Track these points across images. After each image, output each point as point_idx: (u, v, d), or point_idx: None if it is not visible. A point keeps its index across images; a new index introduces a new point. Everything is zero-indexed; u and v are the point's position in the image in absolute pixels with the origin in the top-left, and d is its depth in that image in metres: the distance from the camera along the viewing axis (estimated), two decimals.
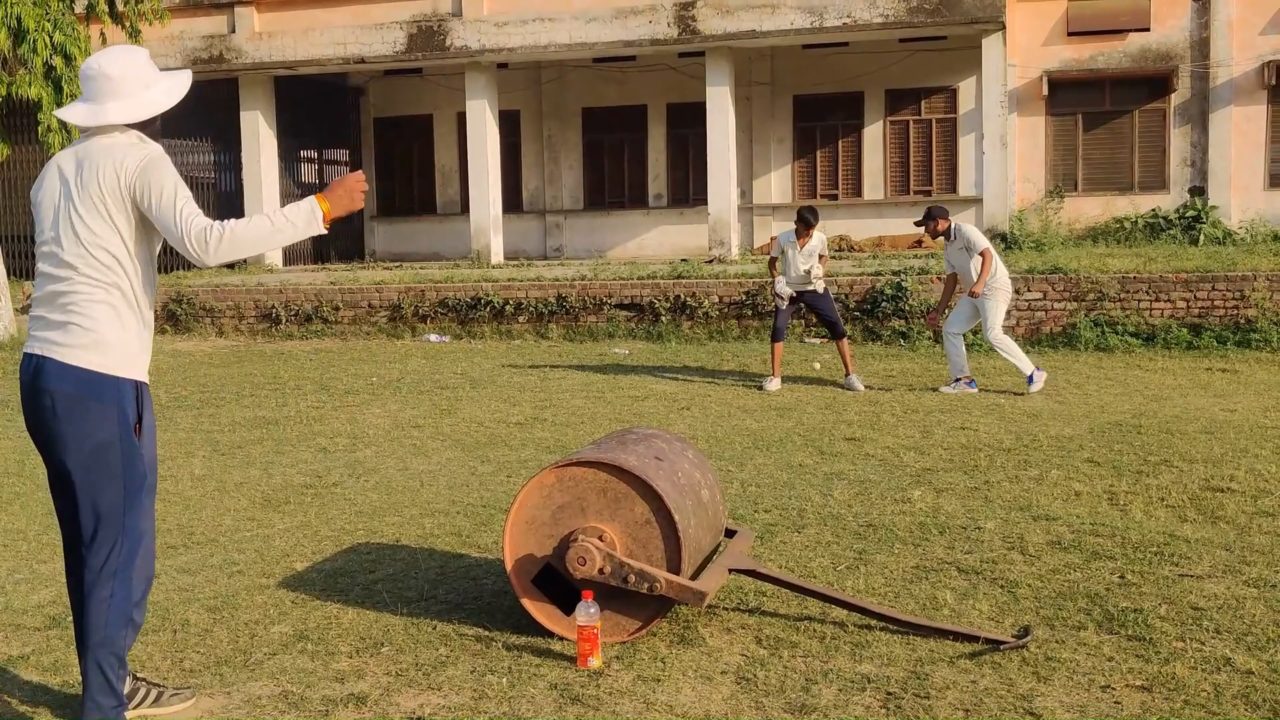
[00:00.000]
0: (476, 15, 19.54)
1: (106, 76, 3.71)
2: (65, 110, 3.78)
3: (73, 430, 3.62)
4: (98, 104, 3.72)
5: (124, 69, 3.74)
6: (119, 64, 3.75)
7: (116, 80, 3.72)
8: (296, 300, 17.14)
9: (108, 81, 3.71)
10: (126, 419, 3.67)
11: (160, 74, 3.88)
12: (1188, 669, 4.19)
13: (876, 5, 17.91)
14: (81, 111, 3.73)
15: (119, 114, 3.73)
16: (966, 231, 11.07)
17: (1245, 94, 19.85)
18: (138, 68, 3.78)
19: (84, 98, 3.76)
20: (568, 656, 4.40)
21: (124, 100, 3.74)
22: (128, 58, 3.79)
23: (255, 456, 8.56)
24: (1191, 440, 8.36)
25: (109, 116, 3.71)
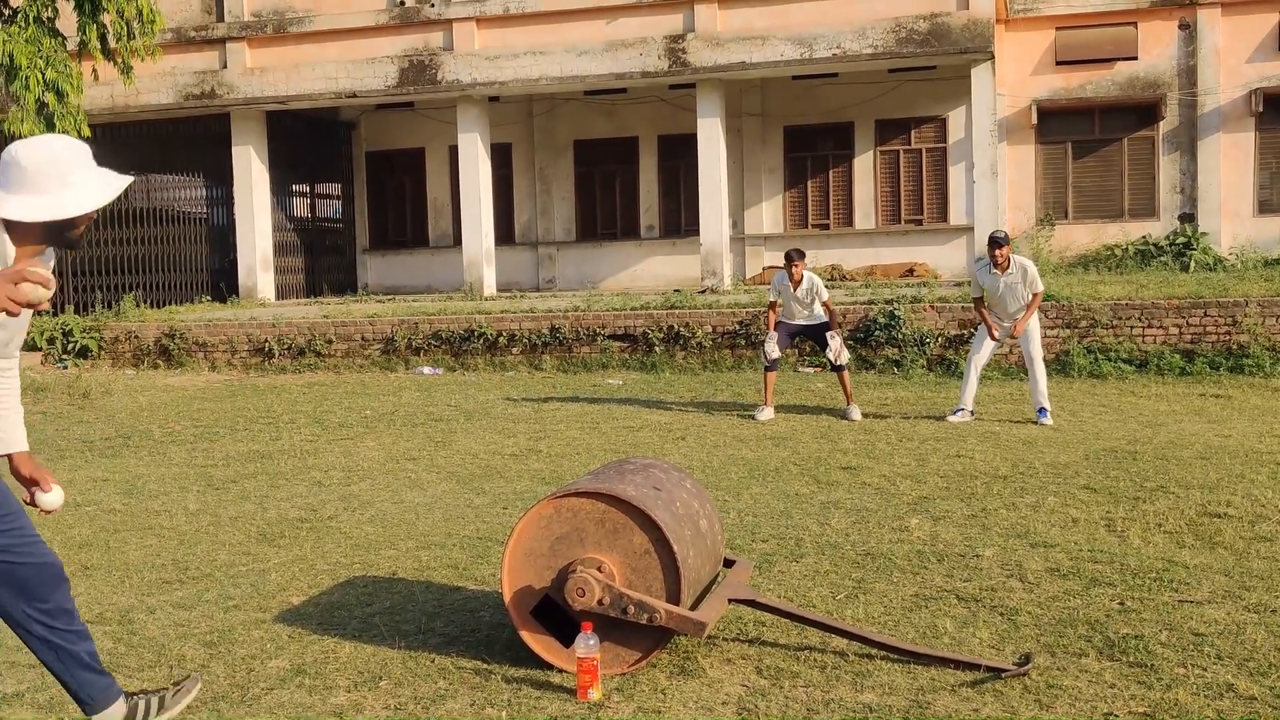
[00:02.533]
0: (468, 49, 19.63)
1: (16, 164, 3.35)
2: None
3: None
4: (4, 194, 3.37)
5: (38, 160, 3.36)
6: (35, 155, 3.36)
7: (29, 172, 3.36)
8: (289, 334, 17.12)
9: (16, 170, 3.35)
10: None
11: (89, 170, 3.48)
12: (1190, 695, 4.18)
13: (865, 36, 18.02)
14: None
15: (19, 210, 3.35)
16: (1031, 271, 10.81)
17: (1233, 121, 19.99)
18: (59, 162, 3.39)
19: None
20: (567, 689, 4.38)
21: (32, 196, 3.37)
22: (50, 149, 3.41)
23: (250, 491, 8.53)
24: (1187, 466, 8.37)
25: (6, 211, 3.35)
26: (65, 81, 15.18)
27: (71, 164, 3.41)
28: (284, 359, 17.04)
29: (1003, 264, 10.79)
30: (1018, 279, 10.80)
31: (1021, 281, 10.80)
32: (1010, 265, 10.80)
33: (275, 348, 17.09)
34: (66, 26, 16.34)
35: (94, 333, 17.77)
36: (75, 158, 3.42)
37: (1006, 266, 10.80)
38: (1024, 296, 10.84)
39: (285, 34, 20.44)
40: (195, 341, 17.33)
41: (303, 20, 20.31)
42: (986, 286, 10.96)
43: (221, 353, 17.26)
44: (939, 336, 14.78)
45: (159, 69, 19.42)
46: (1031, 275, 10.81)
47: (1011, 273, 10.80)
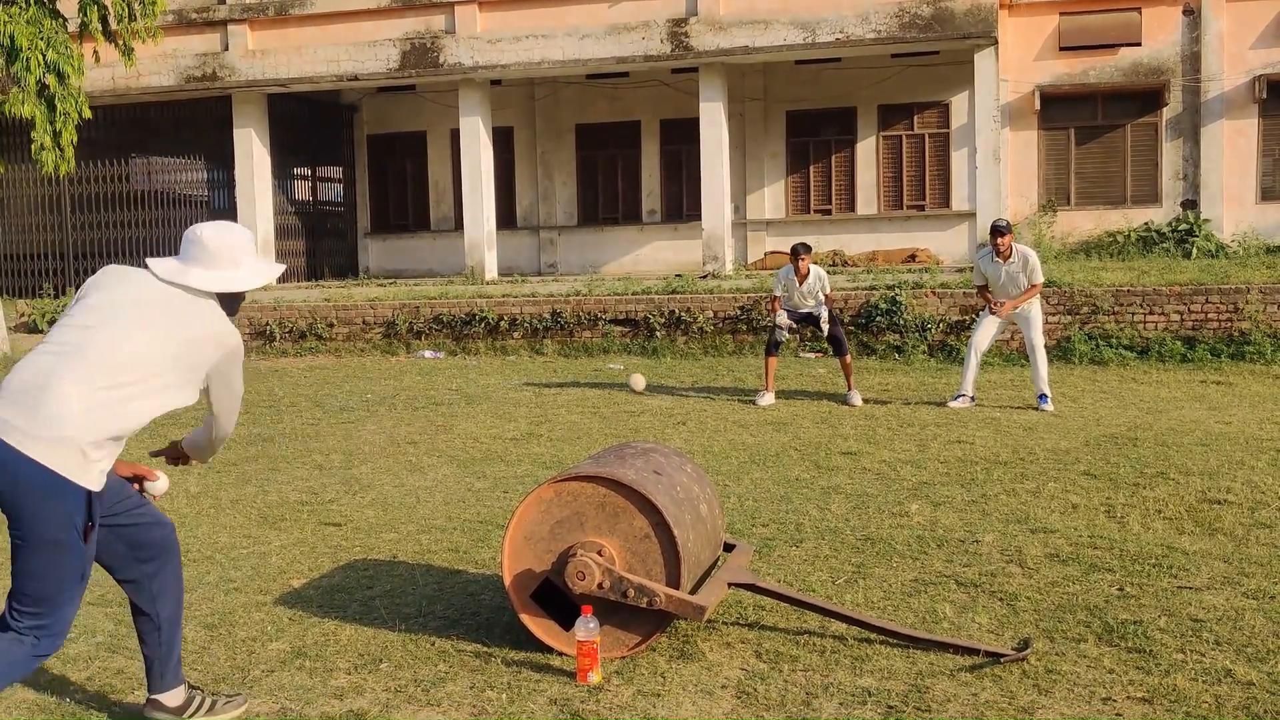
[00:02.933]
0: (470, 32, 19.58)
1: (202, 244, 3.88)
2: (154, 262, 3.91)
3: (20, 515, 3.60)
4: (185, 264, 3.88)
5: (221, 243, 3.90)
6: (220, 238, 3.91)
7: (211, 251, 3.88)
8: (291, 317, 17.12)
9: (202, 250, 3.88)
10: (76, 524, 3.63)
11: (253, 257, 4.02)
12: (1188, 681, 4.19)
13: (869, 21, 17.96)
14: (168, 267, 3.89)
15: (199, 280, 3.86)
16: (1032, 260, 10.77)
17: (1236, 108, 19.92)
18: (233, 246, 3.93)
19: (180, 255, 3.93)
20: (567, 672, 4.39)
21: (209, 272, 3.88)
22: (232, 237, 3.95)
23: (251, 474, 8.54)
24: (1188, 452, 8.37)
25: (189, 279, 3.85)
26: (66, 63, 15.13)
27: (243, 249, 3.96)
28: (285, 342, 17.03)
29: (1005, 253, 10.77)
30: (1019, 268, 10.77)
31: (1022, 271, 10.76)
32: (1012, 254, 10.78)
33: (276, 331, 17.09)
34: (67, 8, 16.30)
35: None
36: (246, 244, 3.99)
37: (1009, 255, 10.78)
38: (1025, 286, 10.82)
39: (287, 16, 20.38)
40: None
41: (304, 3, 20.25)
42: (988, 275, 10.95)
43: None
44: (940, 322, 14.77)
45: (160, 51, 19.36)
46: (1033, 265, 10.77)
47: (1013, 262, 10.78)
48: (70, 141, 15.49)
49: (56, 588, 3.66)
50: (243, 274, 3.94)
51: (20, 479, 3.54)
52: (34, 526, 3.59)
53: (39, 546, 3.61)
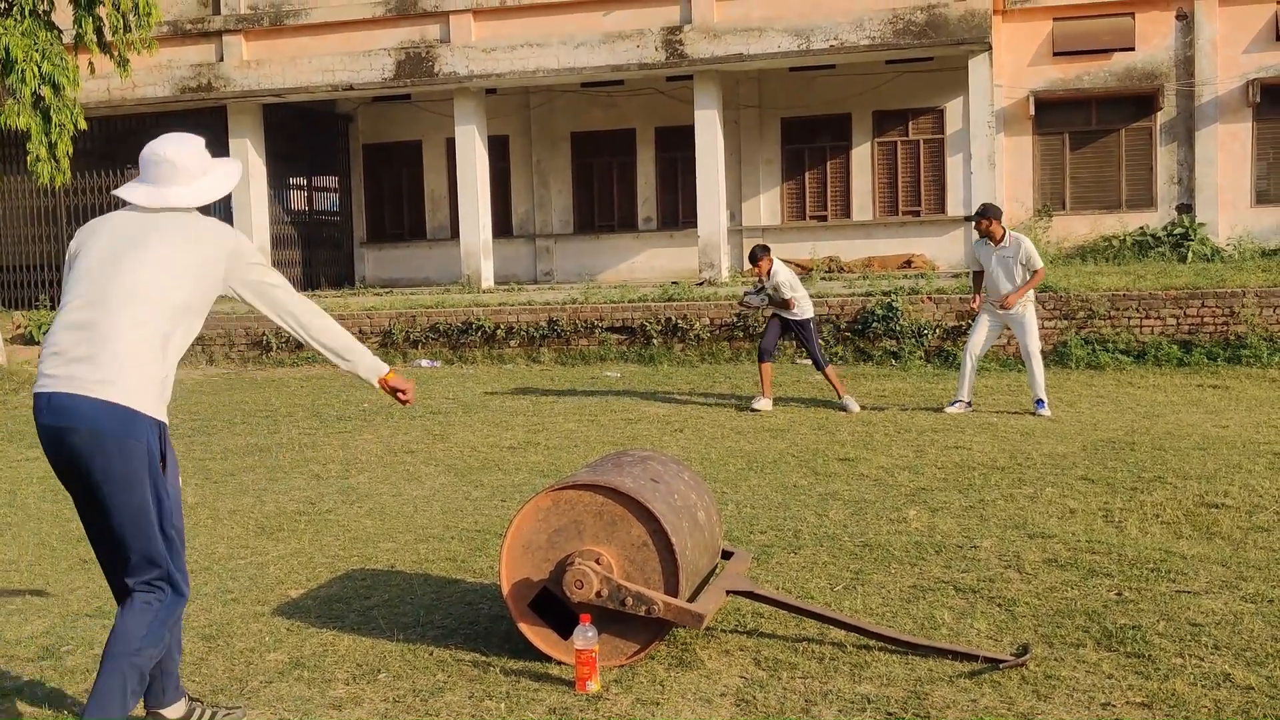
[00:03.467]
0: (464, 41, 19.60)
1: (170, 163, 3.94)
2: (126, 190, 3.98)
3: (102, 467, 3.66)
4: (158, 188, 3.94)
5: (186, 158, 3.97)
6: (182, 153, 3.98)
7: (178, 167, 3.95)
8: None
9: (170, 168, 3.94)
10: (154, 457, 3.74)
11: (213, 160, 4.11)
12: (1187, 685, 4.18)
13: (863, 27, 18.00)
14: (143, 194, 3.94)
15: (179, 199, 3.94)
16: (1027, 247, 10.73)
17: (1230, 112, 19.96)
18: (197, 157, 4.01)
19: (143, 179, 3.98)
20: (566, 681, 4.38)
21: (182, 187, 3.96)
22: (190, 148, 4.01)
23: (248, 484, 8.53)
24: (1185, 457, 8.37)
25: (170, 200, 3.92)
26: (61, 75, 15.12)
27: (205, 155, 4.05)
28: (282, 352, 17.03)
29: (995, 237, 10.73)
30: (1012, 254, 10.72)
31: (1014, 257, 10.69)
32: (1005, 239, 10.75)
33: (273, 341, 17.08)
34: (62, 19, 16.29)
35: None
36: (204, 149, 4.06)
37: (1000, 240, 10.74)
38: (1017, 274, 10.75)
39: (281, 26, 20.40)
40: None
41: (299, 13, 20.27)
42: (981, 259, 10.90)
43: (219, 346, 17.25)
44: (937, 328, 14.78)
45: (155, 62, 19.37)
46: (1027, 251, 10.68)
47: (1005, 247, 10.73)
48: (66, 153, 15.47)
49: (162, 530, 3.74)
50: (217, 178, 4.05)
51: (99, 425, 3.61)
52: (124, 473, 3.65)
53: (133, 492, 3.67)
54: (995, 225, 10.73)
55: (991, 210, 10.84)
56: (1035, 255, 10.75)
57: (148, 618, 3.73)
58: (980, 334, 11.03)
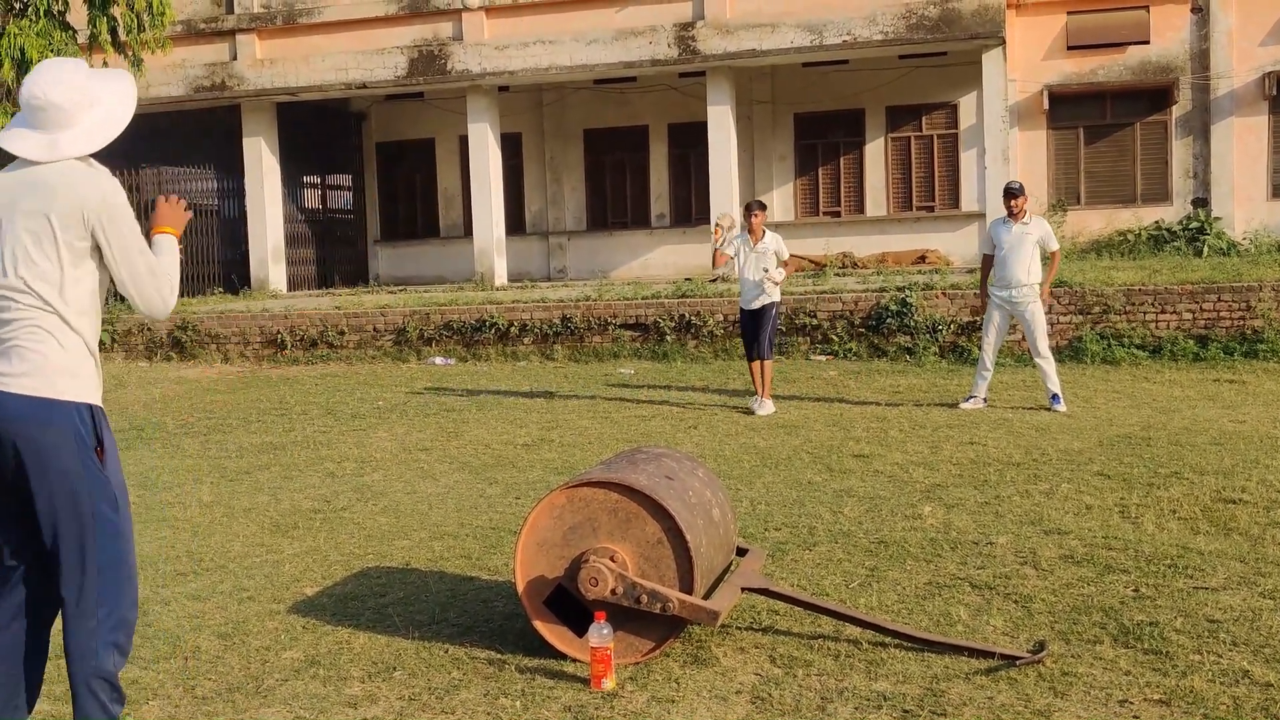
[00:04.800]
0: (477, 39, 19.60)
1: (55, 105, 3.55)
2: (10, 140, 3.60)
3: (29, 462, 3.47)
4: (49, 134, 3.57)
5: (69, 95, 3.56)
6: (62, 90, 3.56)
7: (64, 109, 3.56)
8: (301, 325, 17.15)
9: (57, 111, 3.55)
10: (83, 444, 3.51)
11: (102, 85, 3.67)
12: (1205, 682, 4.16)
13: (876, 22, 17.95)
14: (33, 144, 3.57)
15: (73, 146, 3.58)
16: (1045, 226, 10.81)
17: (1246, 105, 19.87)
18: (80, 90, 3.59)
19: (30, 124, 3.59)
20: (581, 678, 4.38)
21: (74, 129, 3.58)
22: (71, 80, 3.60)
23: (263, 482, 8.55)
24: (1201, 452, 8.33)
25: (63, 149, 3.57)
26: None
27: (91, 84, 3.62)
28: (296, 350, 17.06)
29: (1019, 213, 10.73)
30: (1031, 231, 10.71)
31: (1034, 234, 10.70)
32: (1027, 217, 10.76)
33: (287, 339, 17.11)
34: (77, 20, 16.35)
35: (107, 325, 17.81)
36: (90, 78, 3.63)
37: (1021, 216, 10.74)
38: (1032, 256, 10.73)
39: (295, 25, 20.44)
40: (208, 333, 17.36)
41: (312, 11, 20.31)
42: (998, 238, 10.85)
43: (234, 344, 17.30)
44: (951, 324, 14.74)
45: (169, 61, 19.42)
46: (1046, 232, 10.81)
47: (1026, 223, 10.74)
48: None
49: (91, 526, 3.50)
50: (109, 109, 3.65)
51: (11, 416, 3.42)
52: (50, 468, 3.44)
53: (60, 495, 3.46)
54: (1024, 200, 10.80)
55: (1021, 188, 10.90)
56: (1053, 236, 10.87)
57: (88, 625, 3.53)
58: (993, 331, 10.99)
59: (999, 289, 10.86)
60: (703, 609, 4.42)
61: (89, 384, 3.57)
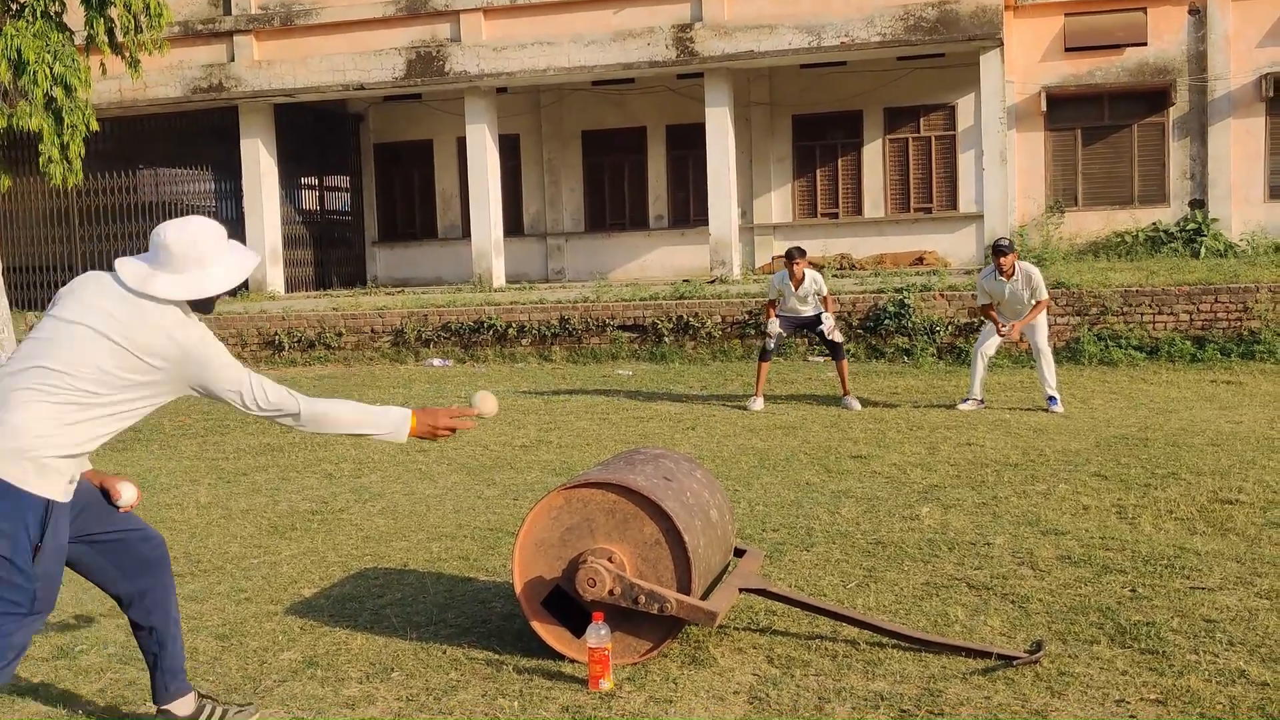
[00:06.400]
0: (475, 40, 19.60)
1: (166, 249, 3.70)
2: (121, 263, 3.76)
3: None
4: (149, 269, 3.71)
5: (183, 246, 3.71)
6: (182, 240, 3.72)
7: (176, 255, 3.70)
8: (299, 327, 17.15)
9: (166, 254, 3.70)
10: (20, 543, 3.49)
11: (222, 251, 3.80)
12: (1202, 682, 4.17)
13: (874, 24, 17.96)
14: (133, 271, 3.71)
15: (163, 289, 3.68)
16: (1036, 278, 10.74)
17: (1243, 106, 19.88)
18: (196, 244, 3.73)
19: (144, 257, 3.76)
20: (579, 679, 4.38)
21: (174, 276, 3.70)
22: (195, 234, 3.76)
23: (261, 483, 8.55)
24: (1198, 453, 8.34)
25: (151, 287, 3.68)
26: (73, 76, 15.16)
27: (210, 247, 3.75)
28: (294, 351, 17.06)
29: (1008, 271, 10.76)
30: (1022, 285, 10.75)
31: (1026, 287, 10.73)
32: (1015, 272, 10.76)
33: (285, 340, 17.12)
34: (74, 21, 16.33)
35: None
36: (213, 241, 3.77)
37: (1012, 273, 10.77)
38: (1029, 302, 10.79)
39: (292, 26, 20.43)
40: None
41: (309, 13, 20.30)
42: (992, 293, 10.93)
43: (232, 345, 17.29)
44: (949, 325, 14.75)
45: (166, 63, 19.41)
46: (1036, 282, 10.74)
47: (1016, 280, 10.76)
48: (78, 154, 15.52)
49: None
50: (210, 274, 3.74)
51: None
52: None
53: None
54: (1013, 257, 10.74)
55: (1011, 245, 10.87)
56: (1042, 286, 10.81)
57: None
58: (990, 336, 11.02)
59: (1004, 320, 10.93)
60: (700, 609, 4.42)
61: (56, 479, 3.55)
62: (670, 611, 4.42)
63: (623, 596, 4.44)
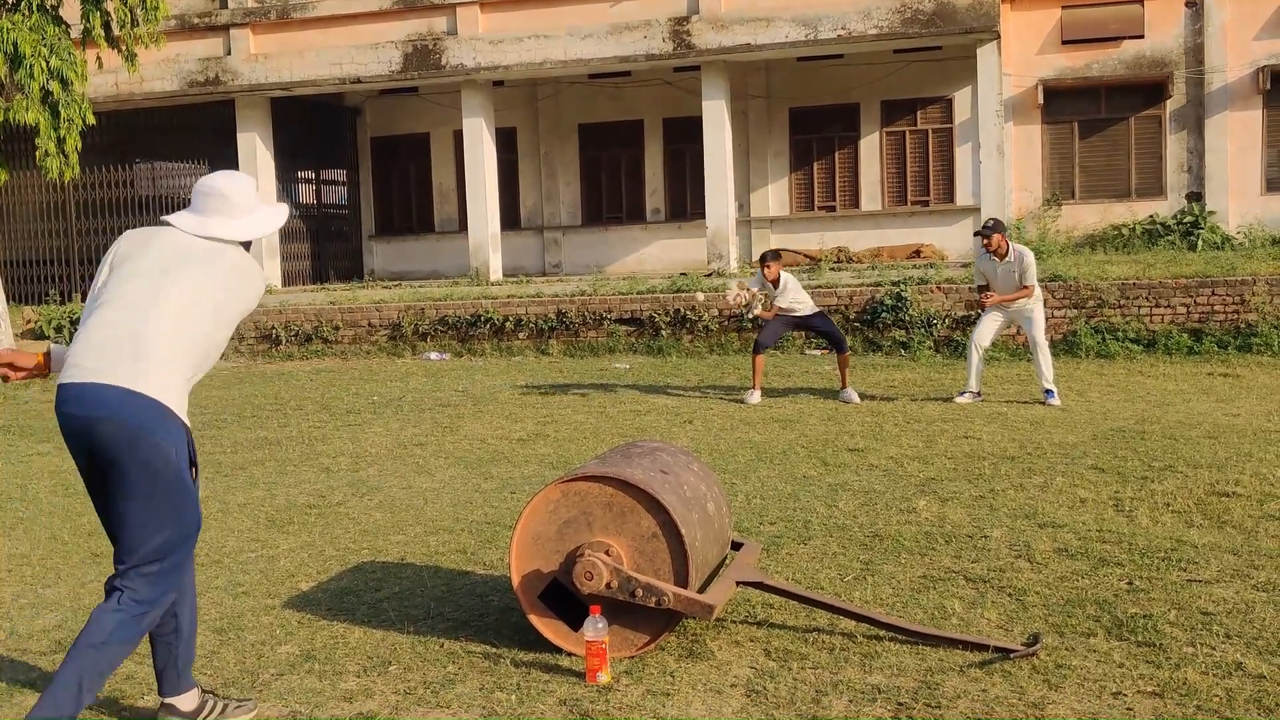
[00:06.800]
0: (472, 33, 19.59)
1: (223, 195, 4.03)
2: (176, 217, 4.07)
3: (134, 461, 3.70)
4: (204, 217, 4.02)
5: (239, 193, 4.06)
6: (236, 187, 4.06)
7: (233, 200, 4.04)
8: (296, 321, 17.13)
9: (222, 200, 4.03)
10: (185, 457, 3.80)
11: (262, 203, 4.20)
12: (1199, 674, 4.18)
13: (871, 17, 17.95)
14: (189, 221, 4.03)
15: (222, 229, 4.01)
16: (1027, 260, 10.71)
17: (1240, 99, 19.88)
18: (249, 194, 4.10)
19: (194, 209, 4.06)
20: (576, 672, 4.38)
21: (229, 220, 4.03)
22: (244, 185, 4.11)
23: (258, 477, 8.54)
24: (1195, 445, 8.35)
25: (213, 230, 4.00)
26: (70, 69, 15.15)
27: (254, 194, 4.15)
28: (291, 345, 17.05)
29: (999, 251, 10.75)
30: (1015, 267, 10.74)
31: (1018, 269, 10.73)
32: (1009, 253, 10.75)
33: (282, 334, 17.11)
34: (70, 14, 16.32)
35: None
36: (254, 189, 4.18)
37: (1004, 254, 10.75)
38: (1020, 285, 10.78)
39: (289, 20, 20.41)
40: None
41: (306, 6, 20.27)
42: (987, 273, 10.93)
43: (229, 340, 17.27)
44: (946, 318, 14.76)
45: (163, 56, 19.39)
46: (1026, 264, 10.68)
47: (1010, 260, 10.74)
48: (74, 147, 15.52)
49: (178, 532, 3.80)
50: (261, 217, 4.12)
51: (129, 419, 3.66)
52: (149, 466, 3.69)
53: (155, 484, 3.72)
54: (1003, 239, 10.73)
55: (1000, 225, 10.85)
56: (1031, 272, 10.73)
57: (121, 616, 3.73)
58: (986, 326, 11.01)
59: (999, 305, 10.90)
60: (698, 602, 4.43)
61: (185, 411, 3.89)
62: (667, 604, 4.42)
63: (620, 590, 4.44)
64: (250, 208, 4.08)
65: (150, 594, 3.78)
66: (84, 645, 3.68)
